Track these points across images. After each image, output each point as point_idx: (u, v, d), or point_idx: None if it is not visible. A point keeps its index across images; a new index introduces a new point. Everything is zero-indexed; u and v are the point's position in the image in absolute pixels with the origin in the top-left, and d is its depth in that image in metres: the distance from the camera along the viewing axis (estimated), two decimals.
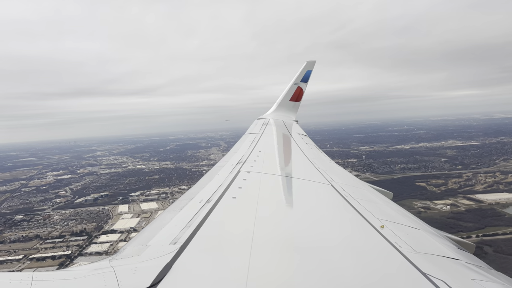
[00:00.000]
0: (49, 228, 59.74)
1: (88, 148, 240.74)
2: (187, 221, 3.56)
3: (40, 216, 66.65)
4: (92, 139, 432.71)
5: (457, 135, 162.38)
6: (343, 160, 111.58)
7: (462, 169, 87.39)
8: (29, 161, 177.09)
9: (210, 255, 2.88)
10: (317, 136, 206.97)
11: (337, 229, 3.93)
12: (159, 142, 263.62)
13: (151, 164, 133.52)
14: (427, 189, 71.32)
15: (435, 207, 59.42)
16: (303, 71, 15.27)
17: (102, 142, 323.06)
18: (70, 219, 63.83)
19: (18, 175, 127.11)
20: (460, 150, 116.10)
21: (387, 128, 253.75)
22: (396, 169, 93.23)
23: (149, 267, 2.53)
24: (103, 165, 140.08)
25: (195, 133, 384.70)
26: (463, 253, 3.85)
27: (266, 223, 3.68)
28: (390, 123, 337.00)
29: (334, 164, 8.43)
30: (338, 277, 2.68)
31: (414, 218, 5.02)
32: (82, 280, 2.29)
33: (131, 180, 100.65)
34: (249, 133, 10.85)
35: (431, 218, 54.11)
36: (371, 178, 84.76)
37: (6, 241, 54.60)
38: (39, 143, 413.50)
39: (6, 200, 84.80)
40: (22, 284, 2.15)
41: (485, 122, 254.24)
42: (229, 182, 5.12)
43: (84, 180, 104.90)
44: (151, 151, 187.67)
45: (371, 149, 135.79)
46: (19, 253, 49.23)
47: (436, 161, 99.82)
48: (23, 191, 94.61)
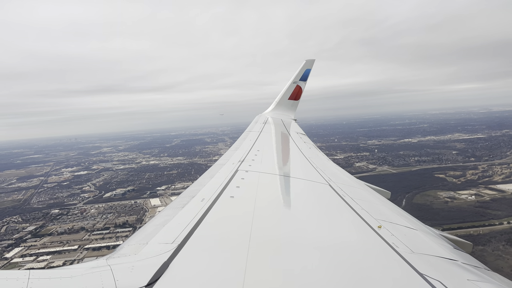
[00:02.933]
0: (90, 220, 61.42)
1: (92, 145, 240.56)
2: (184, 220, 3.57)
3: (76, 210, 68.29)
4: (92, 136, 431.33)
5: (461, 129, 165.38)
6: (355, 154, 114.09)
7: (476, 161, 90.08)
8: (37, 158, 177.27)
9: (208, 254, 2.89)
10: (320, 131, 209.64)
11: (335, 229, 3.96)
12: (162, 138, 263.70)
13: (163, 160, 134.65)
14: (448, 181, 73.76)
15: (459, 197, 61.81)
16: (302, 69, 15.21)
17: (103, 138, 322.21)
18: (107, 213, 65.55)
19: (32, 171, 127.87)
20: (469, 143, 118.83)
21: (389, 122, 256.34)
22: (411, 162, 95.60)
23: (146, 265, 2.54)
24: (115, 161, 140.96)
25: (195, 128, 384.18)
26: (460, 253, 3.93)
27: (263, 222, 3.71)
28: (389, 117, 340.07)
29: (332, 163, 8.46)
30: (335, 277, 2.71)
31: (411, 218, 5.09)
32: (79, 279, 2.29)
33: (150, 175, 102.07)
34: (249, 131, 10.86)
35: (459, 208, 56.82)
36: (389, 171, 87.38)
37: (54, 233, 56.22)
38: (39, 140, 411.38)
39: (33, 195, 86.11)
40: (19, 282, 2.13)
41: (485, 115, 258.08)
42: (227, 181, 5.16)
43: (103, 176, 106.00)
44: (157, 147, 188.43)
45: (379, 143, 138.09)
46: (72, 244, 51.07)
47: (448, 153, 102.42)
48: (46, 187, 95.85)
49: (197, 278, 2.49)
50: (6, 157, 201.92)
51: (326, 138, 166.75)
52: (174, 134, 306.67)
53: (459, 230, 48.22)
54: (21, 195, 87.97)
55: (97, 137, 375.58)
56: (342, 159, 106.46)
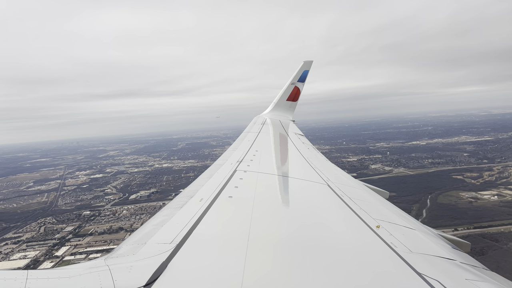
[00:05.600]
0: (125, 221, 62.59)
1: (96, 149, 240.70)
2: (183, 220, 3.59)
3: (107, 212, 69.54)
4: (93, 139, 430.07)
5: (466, 131, 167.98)
6: (368, 156, 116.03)
7: (489, 163, 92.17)
8: (45, 162, 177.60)
9: (206, 254, 2.89)
10: (325, 134, 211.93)
11: (333, 229, 3.97)
12: (165, 141, 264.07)
13: (176, 163, 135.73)
14: (466, 182, 75.65)
15: (482, 197, 63.69)
16: (300, 71, 15.15)
17: (105, 142, 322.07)
18: (138, 213, 66.69)
19: (46, 175, 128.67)
20: (478, 145, 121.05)
21: (391, 125, 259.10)
22: (426, 164, 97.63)
23: (144, 265, 2.54)
24: (127, 164, 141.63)
25: (196, 132, 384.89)
26: (458, 253, 3.94)
27: (261, 222, 3.71)
28: (390, 120, 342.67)
29: (330, 163, 8.44)
30: (334, 277, 2.71)
31: (409, 218, 5.07)
32: (77, 279, 2.29)
33: (168, 178, 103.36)
34: (247, 132, 10.88)
35: (484, 207, 58.77)
36: (406, 172, 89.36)
37: (95, 233, 57.31)
38: (41, 144, 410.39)
39: (57, 198, 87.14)
40: (17, 283, 2.12)
41: (487, 118, 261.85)
42: (226, 181, 5.17)
43: (120, 179, 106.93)
44: (164, 150, 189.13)
45: (388, 145, 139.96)
46: (116, 243, 52.03)
47: (459, 156, 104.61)
48: (66, 189, 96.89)
49: (196, 278, 2.49)
50: (14, 160, 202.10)
51: (334, 141, 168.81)
52: (176, 137, 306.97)
53: (490, 228, 50.23)
54: (45, 198, 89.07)
55: (98, 140, 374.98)
56: (355, 161, 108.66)
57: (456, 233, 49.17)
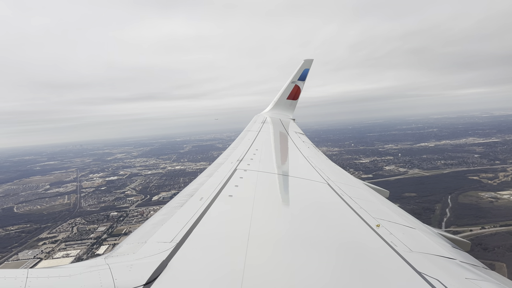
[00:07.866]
0: None
1: (101, 151, 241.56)
2: (183, 219, 3.59)
3: (135, 212, 70.82)
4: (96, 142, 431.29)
5: (472, 133, 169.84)
6: (380, 158, 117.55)
7: (502, 164, 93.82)
8: (54, 165, 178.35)
9: (206, 252, 2.89)
10: (330, 136, 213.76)
11: (333, 228, 3.97)
12: (170, 144, 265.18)
13: (187, 165, 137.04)
14: (483, 182, 77.08)
15: (502, 197, 65.19)
16: (301, 69, 15.11)
17: (108, 145, 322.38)
18: None
19: (60, 178, 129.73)
20: (487, 147, 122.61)
21: (395, 127, 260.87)
22: (439, 165, 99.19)
23: (145, 264, 2.54)
24: (138, 167, 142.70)
25: (199, 134, 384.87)
26: (458, 252, 3.95)
27: (261, 221, 3.71)
28: (393, 122, 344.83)
29: (330, 162, 8.47)
30: (334, 275, 2.72)
31: (409, 217, 5.09)
32: (78, 277, 2.28)
33: (185, 180, 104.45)
34: (247, 131, 10.86)
35: (506, 207, 60.30)
36: (421, 173, 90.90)
37: (128, 233, 57.85)
38: (45, 147, 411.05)
39: (79, 199, 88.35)
40: (17, 281, 2.12)
41: (490, 119, 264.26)
42: (226, 180, 5.16)
43: (136, 181, 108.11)
44: (172, 152, 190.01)
45: (396, 147, 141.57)
46: None
47: (470, 157, 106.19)
48: (85, 191, 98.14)
49: (196, 276, 2.50)
50: (22, 163, 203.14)
51: (341, 143, 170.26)
52: (180, 140, 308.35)
53: None
54: (66, 200, 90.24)
55: (101, 143, 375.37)
56: (368, 163, 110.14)
57: (483, 231, 50.82)
